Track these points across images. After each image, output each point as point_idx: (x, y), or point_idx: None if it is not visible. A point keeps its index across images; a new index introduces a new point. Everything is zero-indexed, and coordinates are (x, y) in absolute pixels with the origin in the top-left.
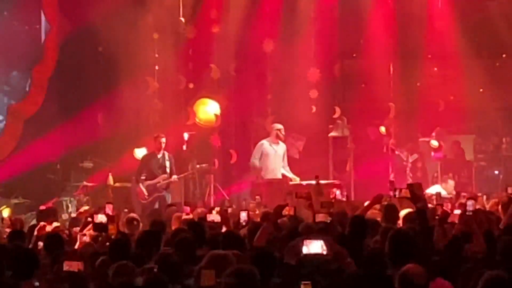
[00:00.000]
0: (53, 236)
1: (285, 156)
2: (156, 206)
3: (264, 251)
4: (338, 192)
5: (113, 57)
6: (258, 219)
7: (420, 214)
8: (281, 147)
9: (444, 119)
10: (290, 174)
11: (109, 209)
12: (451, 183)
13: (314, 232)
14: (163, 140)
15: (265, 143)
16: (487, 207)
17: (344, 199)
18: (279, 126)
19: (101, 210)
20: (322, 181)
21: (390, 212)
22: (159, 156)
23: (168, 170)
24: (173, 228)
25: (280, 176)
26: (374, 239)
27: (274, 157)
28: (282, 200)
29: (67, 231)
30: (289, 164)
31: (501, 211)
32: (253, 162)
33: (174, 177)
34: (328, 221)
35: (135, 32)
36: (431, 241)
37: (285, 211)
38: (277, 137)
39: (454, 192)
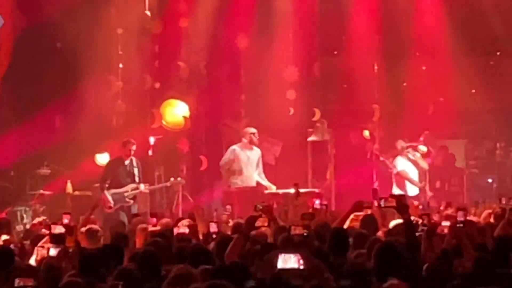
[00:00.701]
0: (2, 250)
1: (260, 162)
2: (122, 217)
3: (236, 266)
4: (317, 201)
5: (72, 54)
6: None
7: (408, 226)
8: (255, 153)
9: (433, 123)
10: (265, 182)
11: (66, 220)
12: (422, 148)
13: (292, 245)
14: (134, 147)
15: (237, 148)
16: (481, 218)
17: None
18: (253, 130)
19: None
20: (301, 190)
21: (369, 223)
22: (127, 162)
23: (136, 178)
24: (137, 241)
25: (254, 184)
26: (356, 252)
27: (247, 164)
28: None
29: (19, 244)
30: (264, 171)
31: (495, 223)
32: (222, 163)
33: (142, 186)
34: (305, 234)
35: (97, 27)
36: (418, 255)
37: (258, 223)
38: (251, 142)
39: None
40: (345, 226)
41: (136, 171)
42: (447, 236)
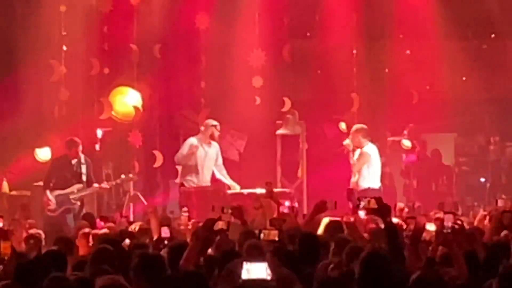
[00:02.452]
0: None
1: (219, 158)
2: (70, 221)
3: (191, 276)
4: (287, 203)
5: (9, 35)
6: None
7: (390, 231)
8: (214, 148)
9: (418, 114)
10: (228, 181)
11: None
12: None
13: (259, 252)
14: (80, 148)
15: (194, 141)
16: (475, 221)
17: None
18: (214, 122)
19: None
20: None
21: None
22: (74, 161)
23: (84, 177)
24: (79, 247)
25: (209, 184)
26: (328, 261)
27: (204, 160)
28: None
29: None
30: (227, 168)
31: (489, 227)
32: (179, 158)
33: (96, 186)
34: (277, 239)
35: (37, 4)
36: (403, 264)
37: (218, 226)
38: (211, 136)
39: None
40: (319, 232)
41: (84, 168)
42: (433, 242)
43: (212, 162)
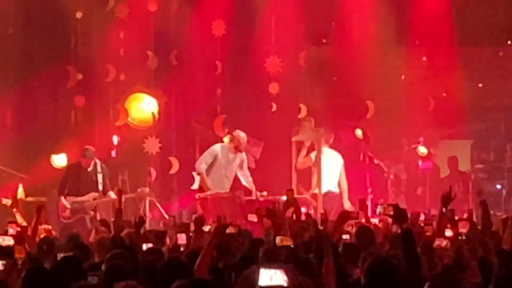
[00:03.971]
0: None
1: (245, 166)
2: (85, 227)
3: (205, 283)
4: (303, 209)
5: (26, 41)
6: None
7: (407, 237)
8: (239, 157)
9: (434, 121)
10: (252, 188)
11: (12, 230)
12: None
13: (276, 258)
14: (95, 159)
15: (217, 149)
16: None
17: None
18: (242, 134)
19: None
20: (282, 197)
21: (364, 235)
22: (90, 169)
23: (100, 186)
24: (96, 253)
25: (227, 190)
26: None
27: (226, 168)
28: (236, 218)
29: None
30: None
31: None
32: (198, 167)
33: (111, 194)
34: (292, 246)
35: (54, 10)
36: (418, 271)
37: (229, 231)
38: (236, 147)
39: None
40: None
41: (100, 178)
42: (448, 249)
43: (235, 170)
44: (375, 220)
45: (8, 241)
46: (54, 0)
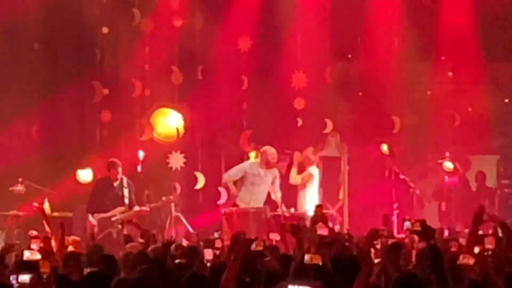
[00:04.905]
0: None
1: (276, 182)
2: (114, 242)
3: None
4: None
5: (52, 56)
6: None
7: (434, 253)
8: (270, 173)
9: (460, 136)
10: (279, 201)
11: (35, 245)
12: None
13: (305, 274)
14: (120, 169)
15: (247, 166)
16: None
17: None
18: (272, 149)
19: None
20: (309, 213)
21: (395, 252)
22: (116, 183)
23: (126, 200)
24: (123, 268)
25: (261, 205)
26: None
27: (257, 183)
28: (261, 233)
29: None
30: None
31: None
32: (225, 177)
33: (137, 208)
34: (320, 263)
35: (80, 25)
36: (445, 286)
37: (255, 247)
38: (267, 164)
39: None
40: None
41: (126, 192)
42: (474, 265)
43: (267, 185)
44: (400, 235)
45: (35, 255)
46: (80, 15)
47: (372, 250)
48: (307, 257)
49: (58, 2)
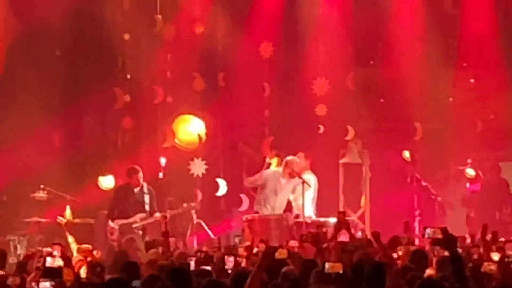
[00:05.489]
0: None
1: (297, 190)
2: (135, 248)
3: None
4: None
5: (73, 63)
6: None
7: (455, 260)
8: (292, 182)
9: (482, 143)
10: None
11: (56, 252)
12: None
13: (327, 280)
14: (141, 175)
15: (270, 174)
16: None
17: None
18: (297, 160)
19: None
20: (330, 219)
21: (418, 258)
22: (136, 189)
23: (147, 206)
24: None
25: (281, 211)
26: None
27: (279, 191)
28: (282, 240)
29: (17, 279)
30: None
31: None
32: (247, 182)
33: (158, 215)
34: (341, 272)
35: (101, 32)
36: None
37: (279, 255)
38: (290, 174)
39: None
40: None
41: (147, 198)
42: (496, 273)
43: (288, 194)
44: (421, 243)
45: (58, 262)
46: (101, 22)
47: (394, 257)
48: (327, 265)
49: (80, 9)
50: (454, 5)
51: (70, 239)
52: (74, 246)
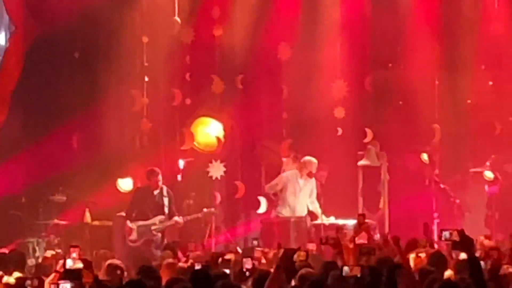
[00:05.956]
0: None
1: (314, 193)
2: (154, 252)
3: None
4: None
5: (91, 65)
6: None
7: (472, 263)
8: (310, 183)
9: (501, 145)
10: (318, 211)
11: (75, 254)
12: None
13: (346, 283)
14: (160, 177)
15: (288, 175)
16: None
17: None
18: (314, 160)
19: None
20: (349, 222)
21: (437, 261)
22: (156, 192)
23: (166, 209)
24: (163, 278)
25: (303, 214)
26: None
27: (298, 193)
28: (301, 243)
29: (36, 281)
30: None
31: None
32: (267, 189)
33: (176, 218)
34: (359, 275)
35: (119, 35)
36: None
37: (298, 257)
38: (309, 174)
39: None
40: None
41: (166, 201)
42: None
43: (307, 196)
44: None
45: (77, 264)
46: (120, 25)
47: (412, 259)
48: (346, 269)
49: (98, 12)
50: (472, 7)
51: None
52: None
